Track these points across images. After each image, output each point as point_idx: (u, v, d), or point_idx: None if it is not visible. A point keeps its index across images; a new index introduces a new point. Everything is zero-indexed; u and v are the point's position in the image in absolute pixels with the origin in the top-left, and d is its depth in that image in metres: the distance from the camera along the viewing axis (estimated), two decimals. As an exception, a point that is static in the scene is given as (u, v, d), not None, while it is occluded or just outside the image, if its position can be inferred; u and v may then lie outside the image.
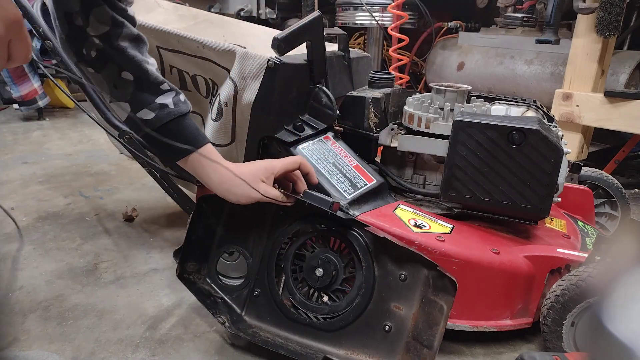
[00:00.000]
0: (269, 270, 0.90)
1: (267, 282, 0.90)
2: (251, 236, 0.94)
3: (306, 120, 1.07)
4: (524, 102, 1.07)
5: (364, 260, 0.84)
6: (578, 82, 1.67)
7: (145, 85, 0.78)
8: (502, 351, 0.94)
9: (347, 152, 1.06)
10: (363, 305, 0.84)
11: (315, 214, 0.87)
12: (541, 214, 0.94)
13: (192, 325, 0.99)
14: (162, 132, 0.79)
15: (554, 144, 0.90)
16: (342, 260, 0.87)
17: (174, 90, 0.82)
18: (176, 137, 0.80)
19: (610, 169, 1.77)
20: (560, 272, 0.92)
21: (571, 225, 1.10)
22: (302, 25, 0.98)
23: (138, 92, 0.78)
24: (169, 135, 0.80)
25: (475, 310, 0.93)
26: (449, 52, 2.44)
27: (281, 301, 0.88)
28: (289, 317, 0.87)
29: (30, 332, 0.95)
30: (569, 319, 0.84)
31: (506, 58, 2.18)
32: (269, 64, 0.96)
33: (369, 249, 0.84)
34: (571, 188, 1.19)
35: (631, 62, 1.80)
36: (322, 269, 0.86)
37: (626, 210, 1.27)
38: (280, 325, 0.88)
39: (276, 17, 2.81)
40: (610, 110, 1.59)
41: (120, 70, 0.76)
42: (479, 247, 0.93)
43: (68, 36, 0.73)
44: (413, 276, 0.82)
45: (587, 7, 1.52)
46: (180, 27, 1.19)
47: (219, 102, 1.02)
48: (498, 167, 0.93)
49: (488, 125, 0.92)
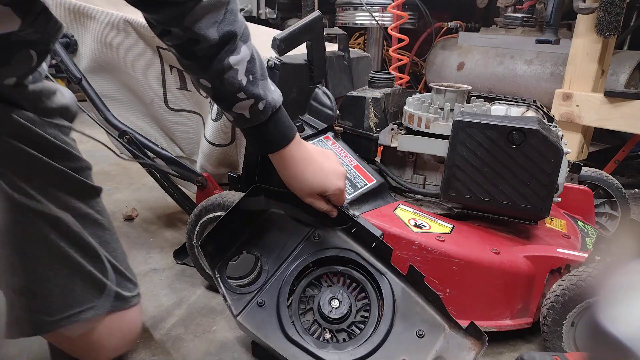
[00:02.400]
0: (284, 285, 0.84)
1: (278, 297, 0.83)
2: (277, 248, 0.89)
3: (306, 120, 1.07)
4: (524, 102, 1.07)
5: (386, 309, 0.81)
6: (578, 82, 1.67)
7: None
8: (502, 351, 0.94)
9: (347, 152, 1.06)
10: (369, 352, 0.79)
11: (351, 251, 0.87)
12: (541, 214, 0.94)
13: (192, 325, 1.00)
14: (270, 121, 0.78)
15: (554, 144, 0.90)
16: (356, 302, 0.84)
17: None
18: (278, 127, 0.80)
19: (610, 169, 1.77)
20: (560, 272, 0.92)
21: (571, 225, 1.10)
22: (302, 25, 0.98)
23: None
24: (274, 124, 0.79)
25: (475, 310, 0.93)
26: (449, 52, 2.44)
27: (288, 320, 0.81)
28: (288, 337, 0.79)
29: (30, 332, 0.95)
30: (569, 319, 0.84)
31: (506, 58, 2.18)
32: (269, 64, 0.97)
33: (394, 299, 0.82)
34: (571, 188, 1.19)
35: (631, 62, 1.80)
36: (337, 302, 0.83)
37: (626, 211, 1.27)
38: (276, 341, 0.79)
39: (276, 17, 2.80)
40: (610, 110, 1.59)
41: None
42: (479, 247, 0.93)
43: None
44: (431, 334, 0.79)
45: (587, 7, 1.52)
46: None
47: (219, 102, 1.02)
48: (498, 167, 0.93)
49: (488, 125, 0.92)
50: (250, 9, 2.77)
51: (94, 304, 0.73)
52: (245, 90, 0.72)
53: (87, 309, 0.73)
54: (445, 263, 0.90)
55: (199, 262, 1.06)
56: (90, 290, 0.73)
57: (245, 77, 0.72)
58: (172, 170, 1.15)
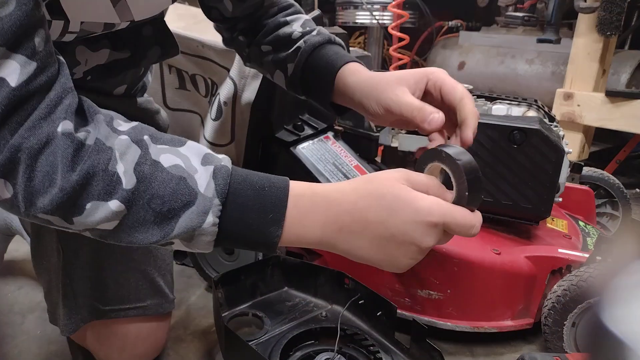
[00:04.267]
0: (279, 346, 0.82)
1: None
2: (283, 316, 0.88)
3: (306, 120, 1.07)
4: (525, 102, 1.07)
5: None
6: (579, 81, 1.67)
7: None
8: (502, 352, 0.94)
9: (347, 152, 1.06)
10: None
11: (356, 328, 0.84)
12: (542, 214, 0.94)
13: (192, 325, 0.99)
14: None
15: (555, 144, 0.89)
16: None
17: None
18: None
19: (612, 168, 1.76)
20: (562, 273, 0.92)
21: (572, 225, 1.10)
22: (302, 24, 0.98)
23: None
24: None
25: (476, 310, 0.93)
26: (450, 51, 2.44)
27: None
28: None
29: (29, 333, 0.95)
30: (570, 320, 0.84)
31: (507, 57, 2.17)
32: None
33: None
34: (572, 188, 1.19)
35: (632, 61, 1.79)
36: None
37: (627, 211, 1.27)
38: None
39: (276, 16, 2.80)
40: (611, 110, 1.58)
41: None
42: (480, 247, 0.93)
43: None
44: None
45: (588, 7, 1.52)
46: (179, 26, 1.19)
47: (218, 101, 1.02)
48: (499, 167, 0.93)
49: (489, 125, 0.92)
50: (250, 8, 2.76)
51: (147, 304, 0.77)
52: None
53: (141, 306, 0.76)
54: (445, 263, 0.90)
55: (198, 262, 1.06)
56: (146, 291, 0.76)
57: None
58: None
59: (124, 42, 0.65)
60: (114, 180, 0.43)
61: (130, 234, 0.45)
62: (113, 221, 0.44)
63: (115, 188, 0.43)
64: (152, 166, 0.44)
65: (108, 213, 0.43)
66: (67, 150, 0.41)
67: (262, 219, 0.46)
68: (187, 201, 0.44)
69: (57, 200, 0.41)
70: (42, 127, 0.40)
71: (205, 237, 0.46)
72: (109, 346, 0.78)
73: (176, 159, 0.45)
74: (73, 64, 0.61)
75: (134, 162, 0.44)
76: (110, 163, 0.43)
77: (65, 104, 0.42)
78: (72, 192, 0.41)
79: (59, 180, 0.41)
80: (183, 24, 1.34)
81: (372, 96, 0.61)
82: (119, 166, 0.43)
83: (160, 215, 0.44)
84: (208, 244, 0.47)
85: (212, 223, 0.45)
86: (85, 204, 0.42)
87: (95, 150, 0.42)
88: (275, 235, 0.46)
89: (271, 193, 0.46)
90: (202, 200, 0.45)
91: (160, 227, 0.45)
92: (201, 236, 0.46)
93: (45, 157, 0.40)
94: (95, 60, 0.63)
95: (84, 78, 0.63)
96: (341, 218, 0.47)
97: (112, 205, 0.43)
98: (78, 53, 0.61)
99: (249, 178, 0.47)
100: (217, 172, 0.46)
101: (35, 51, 0.40)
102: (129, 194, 0.43)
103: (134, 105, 0.74)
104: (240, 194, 0.46)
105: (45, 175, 0.40)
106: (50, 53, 0.42)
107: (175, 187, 0.44)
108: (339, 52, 0.70)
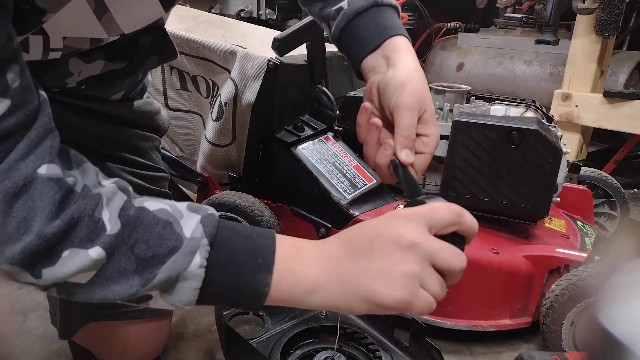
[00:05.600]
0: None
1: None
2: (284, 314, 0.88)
3: (306, 121, 1.08)
4: (523, 103, 1.08)
5: None
6: (577, 82, 1.68)
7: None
8: (501, 350, 0.95)
9: (347, 152, 1.06)
10: None
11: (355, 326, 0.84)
12: (540, 214, 0.95)
13: (192, 325, 1.00)
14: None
15: (553, 144, 0.90)
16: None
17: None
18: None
19: (610, 169, 1.77)
20: (560, 272, 0.92)
21: (570, 225, 1.11)
22: (302, 25, 0.99)
23: None
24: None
25: (475, 309, 0.93)
26: (449, 52, 2.44)
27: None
28: None
29: (31, 332, 0.95)
30: (568, 319, 0.85)
31: (505, 58, 2.18)
32: (269, 65, 0.97)
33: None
34: (570, 188, 1.19)
35: (630, 62, 1.80)
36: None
37: (625, 210, 1.27)
38: None
39: (276, 17, 2.81)
40: (609, 111, 1.59)
41: None
42: (478, 246, 0.93)
43: None
44: None
45: (586, 8, 1.52)
46: (180, 28, 1.19)
47: (219, 102, 1.03)
48: (497, 167, 0.93)
49: (487, 126, 0.92)
50: (250, 9, 2.77)
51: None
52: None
53: (140, 308, 0.74)
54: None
55: None
56: None
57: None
58: (172, 170, 1.15)
59: (120, 52, 0.62)
60: (98, 227, 0.40)
61: (106, 287, 0.41)
62: (89, 272, 0.40)
63: (99, 235, 0.40)
64: (138, 210, 0.42)
65: (86, 262, 0.39)
66: (55, 196, 0.38)
67: (252, 263, 0.43)
68: (173, 246, 0.41)
69: (31, 248, 0.37)
70: (20, 169, 0.37)
71: (190, 283, 0.42)
72: (110, 347, 0.78)
73: (162, 205, 0.44)
74: (66, 74, 0.59)
75: (119, 207, 0.41)
76: (96, 209, 0.40)
77: (46, 145, 0.39)
78: (52, 238, 0.38)
79: (36, 227, 0.37)
80: (184, 25, 1.35)
81: (384, 102, 0.59)
82: (105, 213, 0.40)
83: (144, 262, 0.41)
84: (191, 293, 0.42)
85: (199, 264, 0.42)
86: (62, 251, 0.38)
87: (83, 196, 0.40)
88: (265, 284, 0.43)
89: (259, 240, 0.44)
90: (189, 242, 0.42)
91: (141, 275, 0.41)
92: (185, 282, 0.42)
93: (22, 201, 0.37)
94: (89, 72, 0.61)
95: (77, 87, 0.62)
96: (328, 247, 0.46)
97: (92, 253, 0.39)
98: (71, 65, 0.59)
99: (236, 227, 0.45)
100: (205, 218, 0.43)
101: (8, 87, 0.36)
102: (111, 240, 0.40)
103: (130, 109, 0.72)
104: (229, 239, 0.44)
105: (21, 222, 0.37)
106: (28, 88, 0.39)
107: (161, 231, 0.42)
108: (379, 24, 0.61)
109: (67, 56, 0.58)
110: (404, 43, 0.60)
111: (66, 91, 0.62)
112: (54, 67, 0.55)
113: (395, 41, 0.60)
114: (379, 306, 0.43)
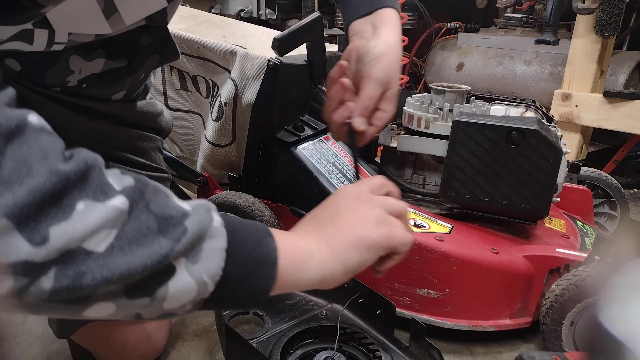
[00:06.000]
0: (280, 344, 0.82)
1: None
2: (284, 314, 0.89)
3: (306, 121, 1.08)
4: (523, 103, 1.08)
5: None
6: (577, 82, 1.68)
7: None
8: (501, 350, 0.95)
9: (347, 152, 1.06)
10: None
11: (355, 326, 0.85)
12: (540, 214, 0.95)
13: (192, 324, 1.00)
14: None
15: (553, 144, 0.90)
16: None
17: None
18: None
19: (610, 169, 1.77)
20: (560, 272, 0.92)
21: (570, 225, 1.11)
22: (302, 25, 0.99)
23: None
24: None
25: (474, 309, 0.93)
26: (449, 52, 2.44)
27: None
28: None
29: (31, 332, 0.95)
30: (568, 319, 0.85)
31: (505, 58, 2.18)
32: (269, 65, 0.97)
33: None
34: (570, 188, 1.19)
35: (630, 62, 1.80)
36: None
37: (625, 210, 1.27)
38: None
39: (276, 17, 2.81)
40: (609, 111, 1.59)
41: None
42: (478, 246, 0.93)
43: None
44: None
45: (586, 8, 1.52)
46: (180, 28, 1.19)
47: (219, 102, 1.03)
48: (497, 167, 0.93)
49: (487, 126, 0.92)
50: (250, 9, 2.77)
51: None
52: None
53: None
54: (444, 262, 0.90)
55: None
56: None
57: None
58: (172, 170, 1.15)
59: (121, 51, 0.63)
60: (109, 182, 0.36)
61: (129, 252, 0.34)
62: (110, 230, 0.33)
63: (113, 188, 0.35)
64: (140, 176, 0.39)
65: (109, 213, 0.33)
66: (56, 143, 0.33)
67: (255, 230, 0.44)
68: (185, 209, 0.39)
69: (43, 188, 0.30)
70: (12, 112, 0.32)
71: (216, 242, 0.39)
72: (109, 347, 0.78)
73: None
74: (67, 72, 0.60)
75: (120, 172, 0.38)
76: (103, 166, 0.37)
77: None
78: (70, 179, 0.32)
79: (48, 166, 0.31)
80: (184, 25, 1.35)
81: (359, 66, 0.64)
82: (109, 172, 0.37)
83: (164, 221, 0.36)
84: (219, 256, 0.39)
85: (220, 222, 0.40)
86: (75, 202, 0.32)
87: (85, 152, 0.36)
88: (273, 248, 0.43)
89: (249, 220, 0.49)
90: (199, 203, 0.40)
91: (165, 235, 0.35)
92: (212, 240, 0.38)
93: (17, 144, 0.31)
94: (90, 70, 0.62)
95: (78, 86, 0.62)
96: (302, 228, 0.52)
97: (117, 201, 0.34)
98: (72, 62, 0.59)
99: (228, 217, 0.44)
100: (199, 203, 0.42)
101: None
102: (131, 191, 0.35)
103: (132, 110, 0.73)
104: (225, 218, 0.43)
105: (21, 163, 0.30)
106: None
107: (166, 199, 0.39)
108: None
109: (68, 53, 0.58)
110: (394, 16, 0.66)
111: (67, 90, 0.62)
112: (55, 65, 0.55)
113: (386, 12, 0.65)
114: (368, 246, 0.48)
